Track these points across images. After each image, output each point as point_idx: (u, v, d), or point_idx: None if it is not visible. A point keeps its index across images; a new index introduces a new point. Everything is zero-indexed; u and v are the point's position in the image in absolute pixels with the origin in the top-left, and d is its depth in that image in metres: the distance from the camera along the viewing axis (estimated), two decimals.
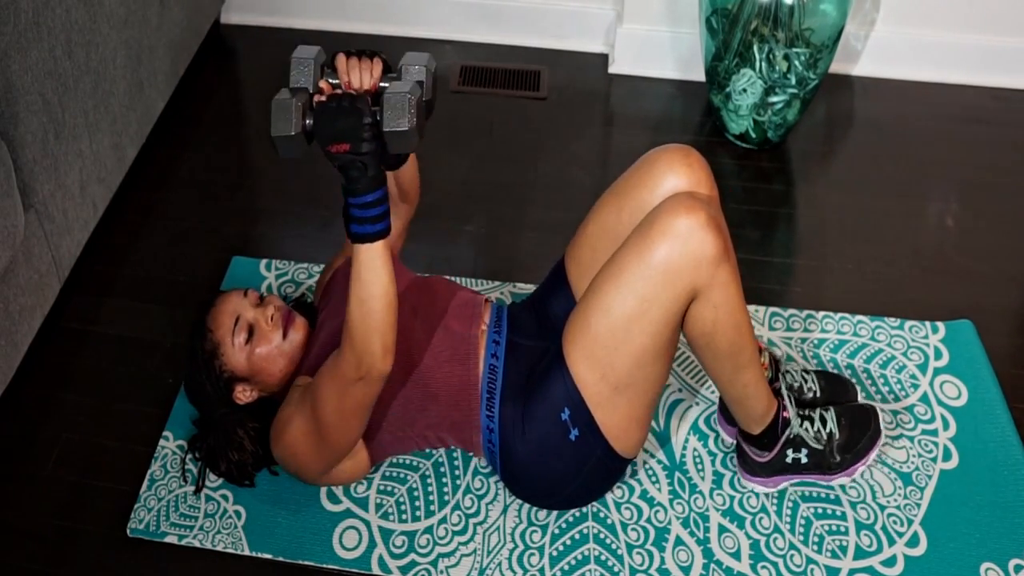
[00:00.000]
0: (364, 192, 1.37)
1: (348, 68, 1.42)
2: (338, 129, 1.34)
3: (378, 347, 1.43)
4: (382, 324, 1.42)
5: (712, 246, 1.44)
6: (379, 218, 1.39)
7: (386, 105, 1.34)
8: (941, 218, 2.34)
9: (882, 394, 1.90)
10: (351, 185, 1.37)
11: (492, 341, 1.64)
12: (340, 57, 1.43)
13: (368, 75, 1.41)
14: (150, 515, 1.69)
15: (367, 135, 1.34)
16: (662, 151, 1.64)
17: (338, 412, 1.50)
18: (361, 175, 1.36)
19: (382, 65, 1.43)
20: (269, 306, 1.66)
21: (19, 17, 1.67)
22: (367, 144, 1.34)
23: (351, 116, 1.34)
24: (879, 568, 1.64)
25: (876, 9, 2.66)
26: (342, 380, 1.46)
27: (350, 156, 1.35)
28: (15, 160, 1.72)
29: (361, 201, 1.38)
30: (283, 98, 1.36)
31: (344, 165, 1.36)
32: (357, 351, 1.43)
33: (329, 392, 1.48)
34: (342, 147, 1.35)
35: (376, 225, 1.39)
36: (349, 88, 1.41)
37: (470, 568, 1.63)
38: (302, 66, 1.41)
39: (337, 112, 1.34)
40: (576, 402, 1.53)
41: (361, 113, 1.34)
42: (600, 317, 1.49)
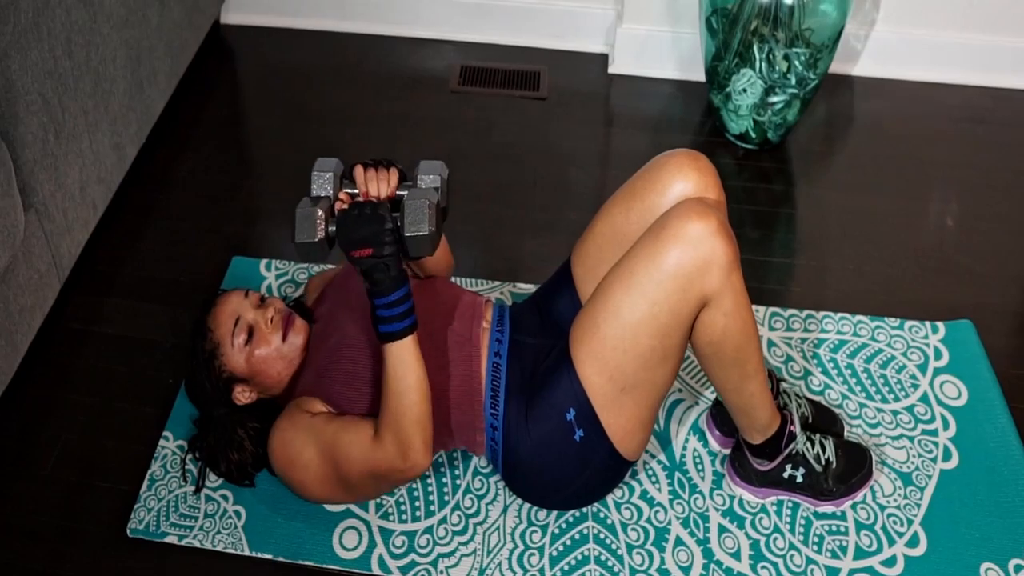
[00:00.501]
0: (388, 292, 1.45)
1: (366, 179, 1.51)
2: (361, 235, 1.42)
3: (420, 441, 1.49)
4: (421, 416, 1.49)
5: (723, 252, 1.44)
6: (405, 315, 1.47)
7: (406, 211, 1.43)
8: (941, 218, 2.34)
9: (882, 394, 1.90)
10: (375, 287, 1.45)
11: (495, 340, 1.64)
12: (358, 169, 1.52)
13: (385, 184, 1.51)
14: (150, 515, 1.69)
15: (388, 239, 1.43)
16: (671, 155, 1.64)
17: (371, 487, 1.58)
18: (384, 276, 1.44)
19: (398, 175, 1.52)
20: (269, 308, 1.66)
21: (19, 17, 1.67)
22: (389, 247, 1.43)
23: (373, 223, 1.42)
24: (879, 568, 1.64)
25: (876, 9, 2.66)
26: (379, 466, 1.51)
27: (372, 260, 1.43)
28: (15, 160, 1.72)
29: (386, 301, 1.46)
30: (305, 207, 1.44)
31: (368, 269, 1.44)
32: (401, 445, 1.49)
33: (362, 471, 1.53)
34: (365, 252, 1.43)
35: (403, 322, 1.47)
36: (367, 197, 1.50)
37: (470, 568, 1.63)
38: (322, 178, 1.50)
39: (359, 219, 1.43)
40: (582, 403, 1.53)
41: (383, 219, 1.42)
42: (609, 319, 1.49)
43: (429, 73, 2.77)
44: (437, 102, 2.67)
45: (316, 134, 2.55)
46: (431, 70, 2.78)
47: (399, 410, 1.48)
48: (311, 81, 2.74)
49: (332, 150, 2.50)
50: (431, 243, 1.44)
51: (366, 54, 2.84)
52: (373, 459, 1.50)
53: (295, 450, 1.56)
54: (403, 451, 1.48)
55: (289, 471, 1.57)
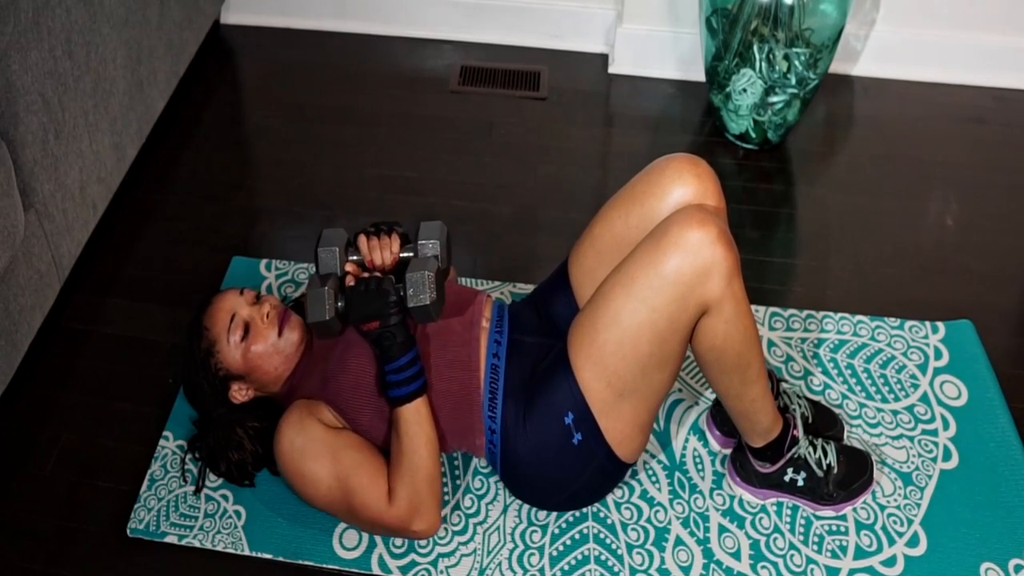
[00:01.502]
0: (397, 357, 1.53)
1: (369, 248, 1.60)
2: (368, 311, 1.51)
3: (432, 503, 1.55)
4: (433, 472, 1.55)
5: (724, 260, 1.44)
6: (414, 378, 1.54)
7: (408, 284, 1.51)
8: (941, 218, 2.34)
9: (882, 394, 1.90)
10: (384, 354, 1.53)
11: (494, 340, 1.64)
12: (361, 239, 1.61)
13: (388, 251, 1.60)
14: (150, 515, 1.69)
15: (393, 311, 1.51)
16: (671, 159, 1.64)
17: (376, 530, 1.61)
18: (392, 343, 1.52)
19: (399, 240, 1.62)
20: (265, 304, 1.66)
21: (19, 17, 1.67)
22: (394, 317, 1.52)
23: (378, 299, 1.51)
24: (879, 568, 1.64)
25: (876, 9, 2.66)
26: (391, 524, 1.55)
27: (380, 330, 1.52)
28: (15, 160, 1.72)
29: (396, 366, 1.53)
30: (316, 289, 1.53)
31: (376, 338, 1.53)
32: (412, 504, 1.54)
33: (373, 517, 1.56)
34: (373, 325, 1.52)
35: (412, 385, 1.54)
36: (371, 264, 1.60)
37: (470, 568, 1.63)
38: (329, 254, 1.59)
39: (366, 296, 1.51)
40: (580, 407, 1.53)
41: (387, 294, 1.51)
42: (608, 325, 1.49)
43: (429, 73, 2.77)
44: (437, 102, 2.67)
45: (316, 134, 2.55)
46: (431, 70, 2.78)
47: (412, 468, 1.54)
48: (311, 81, 2.74)
49: (332, 150, 2.52)
50: (435, 310, 1.52)
51: (366, 54, 2.84)
52: (385, 514, 1.55)
53: (305, 462, 1.56)
54: (416, 510, 1.54)
55: (295, 480, 1.58)
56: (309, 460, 1.56)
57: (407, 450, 1.53)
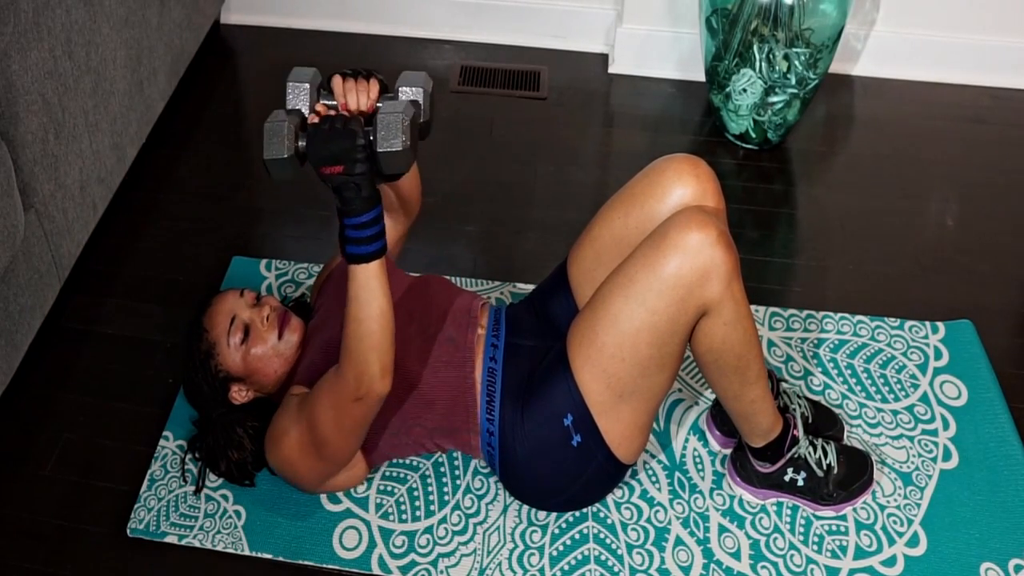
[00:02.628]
0: (359, 212, 1.38)
1: (345, 90, 1.43)
2: (331, 151, 1.35)
3: (376, 368, 1.43)
4: (380, 344, 1.42)
5: (723, 262, 1.44)
6: (374, 238, 1.40)
7: (379, 126, 1.34)
8: (941, 218, 2.34)
9: (882, 394, 1.90)
10: (345, 206, 1.38)
11: (490, 345, 1.64)
12: (336, 79, 1.44)
13: (365, 96, 1.43)
14: (150, 515, 1.69)
15: (360, 156, 1.35)
16: (670, 160, 1.64)
17: (336, 428, 1.50)
18: (355, 196, 1.37)
19: (379, 86, 1.44)
20: (265, 306, 1.66)
21: (19, 17, 1.67)
22: (360, 165, 1.35)
23: (344, 138, 1.35)
24: (879, 568, 1.64)
25: (876, 9, 2.66)
26: (340, 398, 1.46)
27: (343, 177, 1.36)
28: (15, 160, 1.72)
29: (356, 222, 1.38)
30: (275, 121, 1.36)
31: (338, 186, 1.37)
32: (356, 371, 1.43)
33: (326, 409, 1.48)
34: (335, 169, 1.35)
35: (371, 245, 1.40)
36: (345, 109, 1.42)
37: (470, 568, 1.63)
38: (298, 89, 1.41)
39: (330, 134, 1.35)
40: (580, 409, 1.53)
41: (354, 134, 1.35)
42: (608, 327, 1.49)
43: (429, 73, 2.76)
44: (437, 102, 2.66)
45: None
46: (431, 70, 2.78)
47: (358, 335, 1.42)
48: None
49: None
50: (405, 160, 1.36)
51: (366, 54, 2.84)
52: (333, 393, 1.46)
53: (277, 425, 1.57)
54: (358, 375, 1.43)
55: (274, 451, 1.57)
56: (277, 422, 1.56)
57: (357, 316, 1.41)
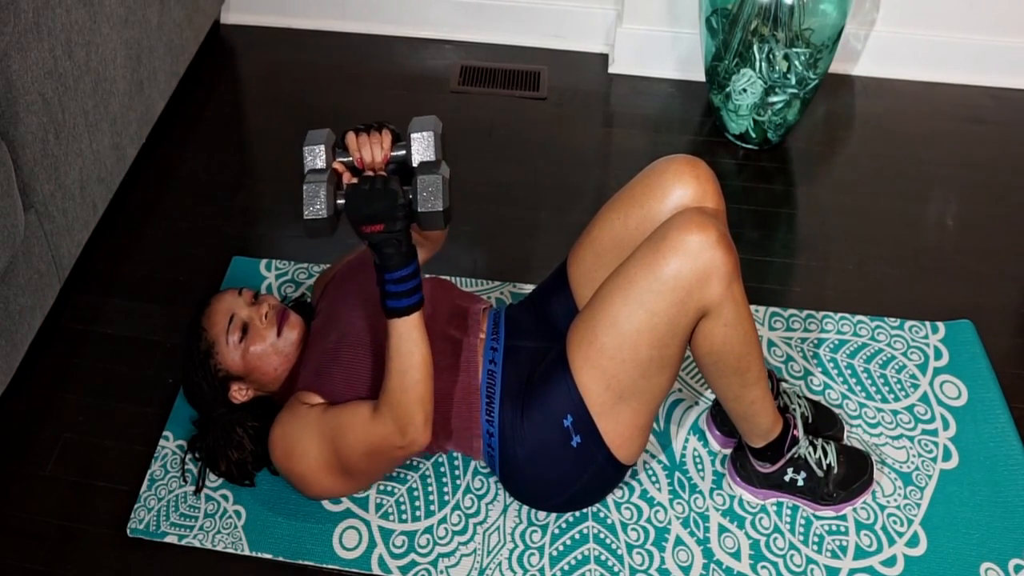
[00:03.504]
0: (398, 267, 1.42)
1: (359, 145, 1.47)
2: (373, 211, 1.39)
3: (421, 418, 1.47)
4: (424, 394, 1.47)
5: (723, 264, 1.44)
6: (413, 291, 1.44)
7: (420, 186, 1.39)
8: (941, 218, 2.34)
9: (882, 394, 1.90)
10: (385, 262, 1.42)
11: (490, 348, 1.64)
12: (350, 135, 1.48)
13: (379, 148, 1.47)
14: (150, 515, 1.69)
15: (400, 215, 1.39)
16: (670, 161, 1.64)
17: (368, 467, 1.55)
18: (395, 252, 1.41)
19: (391, 136, 1.49)
20: (263, 304, 1.66)
21: (19, 17, 1.67)
22: (400, 222, 1.40)
23: (385, 198, 1.39)
24: (879, 568, 1.64)
25: (876, 9, 2.66)
26: (379, 444, 1.50)
27: (383, 235, 1.40)
28: (15, 160, 1.72)
29: (396, 276, 1.43)
30: (312, 182, 1.40)
31: (378, 243, 1.41)
32: (400, 422, 1.47)
33: (361, 449, 1.51)
34: (376, 228, 1.39)
35: (411, 298, 1.44)
36: (362, 165, 1.47)
37: (470, 568, 1.63)
38: (315, 152, 1.45)
39: (370, 194, 1.39)
40: (579, 410, 1.53)
41: (395, 194, 1.39)
42: (607, 328, 1.49)
43: (429, 73, 2.77)
44: (437, 102, 2.66)
45: None
46: (431, 70, 2.78)
47: (402, 387, 1.46)
48: (311, 81, 2.74)
49: None
50: (445, 219, 1.41)
51: (366, 54, 2.84)
52: (372, 435, 1.49)
53: (294, 439, 1.55)
54: (402, 427, 1.46)
55: (288, 462, 1.57)
56: (296, 438, 1.55)
57: (399, 367, 1.45)
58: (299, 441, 1.55)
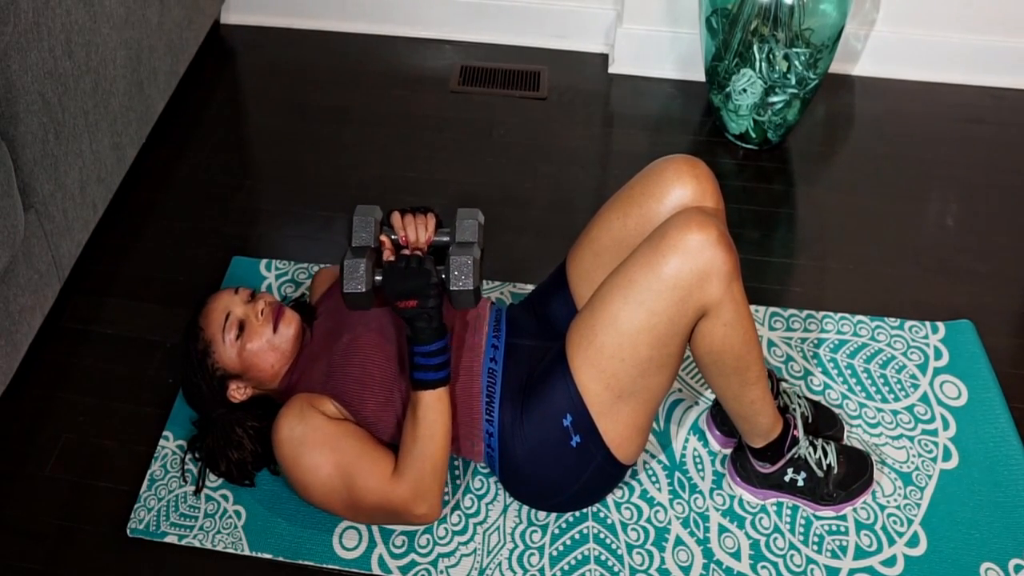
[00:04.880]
0: (429, 342, 1.49)
1: (404, 224, 1.56)
2: (408, 287, 1.47)
3: (438, 490, 1.54)
4: (442, 464, 1.54)
5: (723, 263, 1.44)
6: (442, 366, 1.51)
7: (452, 266, 1.48)
8: (941, 218, 2.34)
9: (882, 394, 1.90)
10: (417, 335, 1.49)
11: (491, 346, 1.64)
12: (395, 215, 1.58)
13: (423, 230, 1.56)
14: (150, 515, 1.69)
15: (433, 292, 1.48)
16: (669, 161, 1.64)
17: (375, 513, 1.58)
18: (427, 326, 1.49)
19: (435, 220, 1.58)
20: (259, 301, 1.66)
21: (19, 17, 1.67)
22: (433, 300, 1.48)
23: (420, 277, 1.47)
24: (879, 568, 1.64)
25: (876, 9, 2.66)
26: (395, 507, 1.55)
27: (417, 310, 1.48)
28: (15, 160, 1.72)
29: (426, 350, 1.50)
30: (353, 259, 1.49)
31: (411, 318, 1.49)
32: (419, 489, 1.53)
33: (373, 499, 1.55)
34: (410, 303, 1.48)
35: (439, 372, 1.51)
36: (406, 243, 1.56)
37: (470, 568, 1.63)
38: (364, 226, 1.55)
39: (407, 273, 1.47)
40: (579, 409, 1.53)
41: (429, 274, 1.47)
42: (607, 328, 1.49)
43: (429, 73, 2.77)
44: (437, 102, 2.67)
45: (316, 134, 2.55)
46: (431, 70, 2.78)
47: (424, 456, 1.52)
48: (311, 81, 2.74)
49: (332, 150, 2.52)
50: (475, 297, 1.49)
51: (366, 54, 2.84)
52: (390, 495, 1.53)
53: (304, 450, 1.55)
54: (421, 495, 1.53)
55: (294, 469, 1.57)
56: (308, 449, 1.55)
57: (422, 436, 1.52)
58: (309, 453, 1.55)
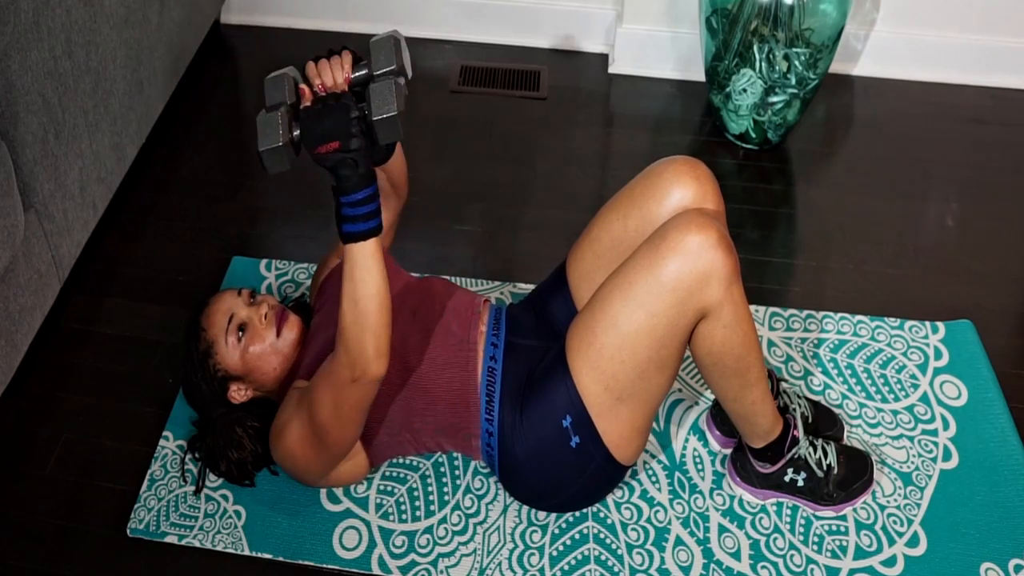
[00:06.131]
0: (356, 189, 1.37)
1: (319, 71, 1.41)
2: (326, 128, 1.34)
3: (371, 349, 1.41)
4: (376, 325, 1.41)
5: (723, 265, 1.44)
6: (371, 215, 1.39)
7: (372, 95, 1.34)
8: (941, 218, 2.34)
9: (882, 394, 1.90)
10: (342, 184, 1.37)
11: (491, 344, 1.64)
12: (309, 64, 1.43)
13: (339, 69, 1.41)
14: (150, 515, 1.69)
15: (355, 130, 1.35)
16: (669, 162, 1.64)
17: (334, 415, 1.49)
18: (352, 172, 1.36)
19: (351, 56, 1.43)
20: (263, 304, 1.66)
21: (19, 17, 1.67)
22: (356, 140, 1.35)
23: (338, 112, 1.34)
24: (879, 568, 1.64)
25: (876, 9, 2.66)
26: (337, 383, 1.45)
27: (340, 154, 1.35)
28: (15, 160, 1.72)
29: (353, 199, 1.37)
30: (267, 114, 1.37)
31: (335, 165, 1.36)
32: (351, 353, 1.42)
33: (324, 395, 1.48)
34: (332, 145, 1.35)
35: (368, 223, 1.39)
36: (322, 88, 1.41)
37: (470, 568, 1.63)
38: (276, 85, 1.41)
39: (323, 112, 1.35)
40: (578, 410, 1.53)
41: (348, 108, 1.35)
42: (607, 329, 1.49)
43: (429, 73, 2.77)
44: (437, 102, 2.67)
45: None
46: (431, 70, 2.78)
47: (354, 317, 1.40)
48: None
49: None
50: (400, 125, 1.35)
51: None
52: (330, 377, 1.45)
53: (281, 421, 1.56)
54: (352, 359, 1.41)
55: (277, 444, 1.57)
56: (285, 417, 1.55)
57: (352, 295, 1.40)
58: (286, 421, 1.55)
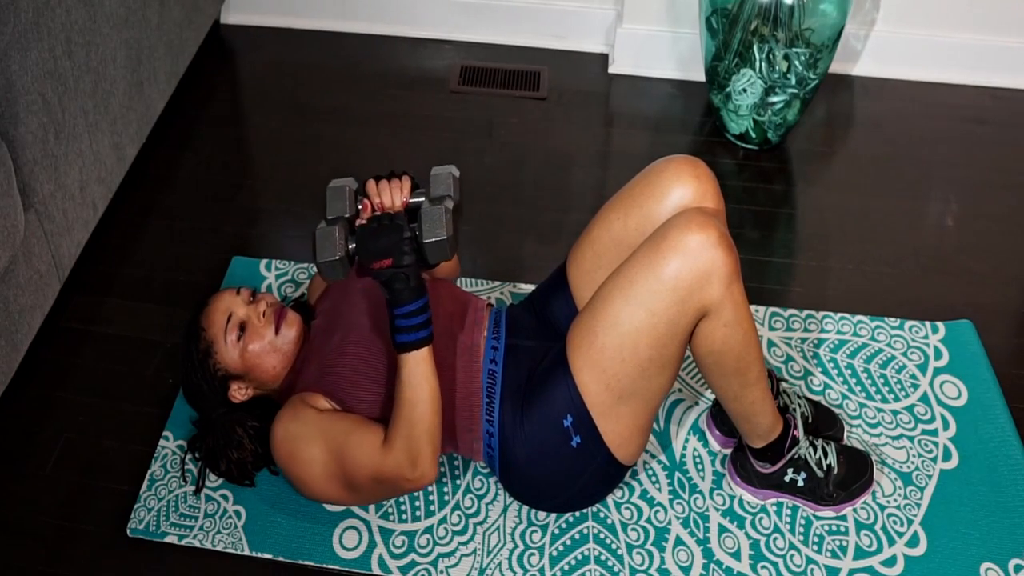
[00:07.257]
0: (408, 302, 1.47)
1: (379, 191, 1.54)
2: (381, 246, 1.45)
3: (429, 452, 1.49)
4: (433, 427, 1.49)
5: (723, 264, 1.44)
6: (422, 325, 1.48)
7: (423, 218, 1.46)
8: (941, 218, 2.34)
9: (882, 394, 1.90)
10: (395, 296, 1.47)
11: (491, 347, 1.64)
12: (370, 183, 1.55)
13: (398, 193, 1.54)
14: (150, 515, 1.69)
15: (407, 248, 1.45)
16: (670, 161, 1.64)
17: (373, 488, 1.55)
18: (404, 286, 1.46)
19: (410, 182, 1.56)
20: (261, 302, 1.66)
21: (19, 17, 1.67)
22: (408, 256, 1.45)
23: (392, 233, 1.45)
24: (879, 568, 1.64)
25: (876, 9, 2.66)
26: (387, 474, 1.51)
27: (392, 270, 1.45)
28: (15, 160, 1.72)
29: (405, 311, 1.47)
30: (325, 227, 1.48)
31: (388, 279, 1.46)
32: (411, 454, 1.49)
33: (368, 471, 1.52)
34: (385, 262, 1.45)
35: (419, 332, 1.48)
36: (381, 208, 1.54)
37: (470, 568, 1.63)
38: (338, 197, 1.53)
39: (378, 231, 1.46)
40: (579, 410, 1.53)
41: (401, 228, 1.45)
42: (607, 328, 1.49)
43: (429, 73, 2.77)
44: (437, 102, 2.67)
45: (316, 134, 2.55)
46: (431, 70, 2.78)
47: (412, 420, 1.49)
48: (311, 81, 2.74)
49: (332, 150, 2.52)
50: (450, 248, 1.47)
51: (366, 54, 2.84)
52: (382, 465, 1.50)
53: (299, 444, 1.55)
54: (412, 460, 1.49)
55: (291, 465, 1.57)
56: (303, 443, 1.55)
57: (409, 399, 1.48)
58: (305, 447, 1.55)
